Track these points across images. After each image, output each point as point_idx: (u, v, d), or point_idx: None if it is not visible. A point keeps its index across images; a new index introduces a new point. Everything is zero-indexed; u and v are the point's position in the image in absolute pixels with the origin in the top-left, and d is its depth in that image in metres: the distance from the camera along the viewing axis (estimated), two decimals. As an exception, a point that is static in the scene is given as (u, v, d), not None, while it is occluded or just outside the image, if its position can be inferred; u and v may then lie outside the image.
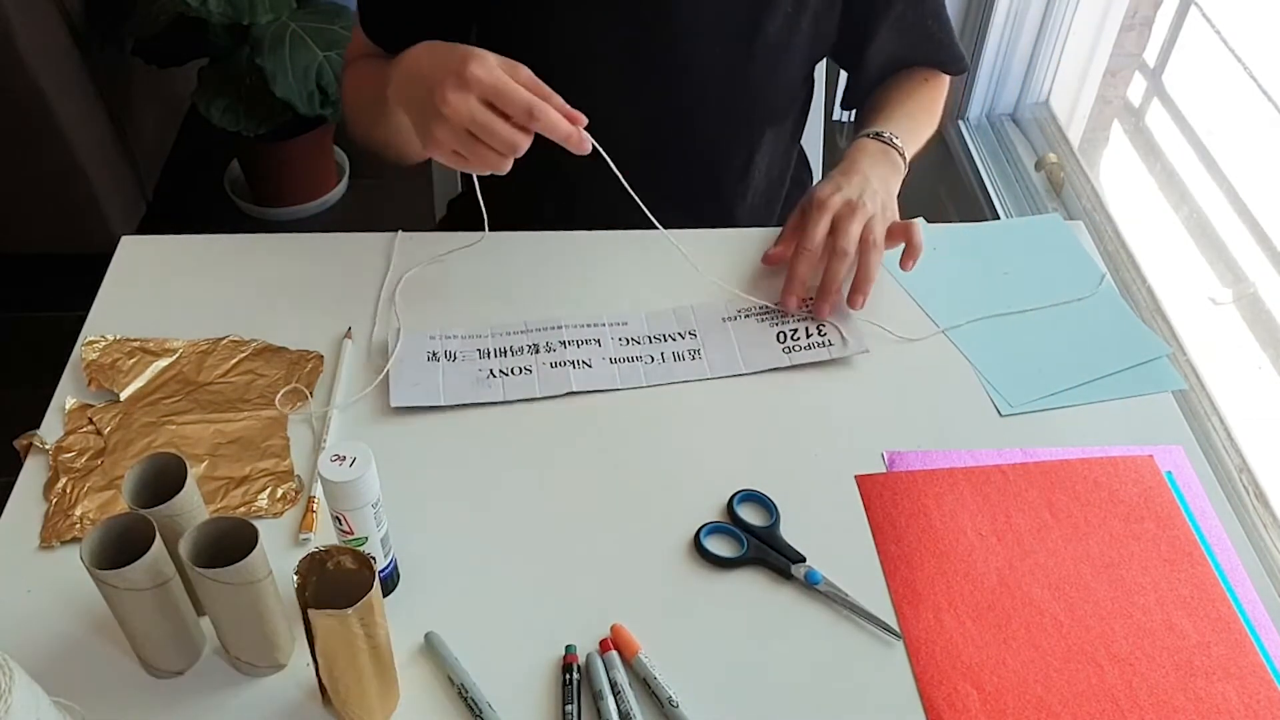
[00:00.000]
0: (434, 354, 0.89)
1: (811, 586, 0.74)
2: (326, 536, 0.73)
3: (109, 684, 0.68)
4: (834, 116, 1.64)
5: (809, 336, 0.92)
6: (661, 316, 0.94)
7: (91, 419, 0.83)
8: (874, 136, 1.01)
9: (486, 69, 0.76)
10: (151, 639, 0.66)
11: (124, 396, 0.84)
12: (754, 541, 0.76)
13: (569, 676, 0.68)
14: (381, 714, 0.66)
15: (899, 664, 0.70)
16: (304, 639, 0.61)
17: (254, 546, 0.61)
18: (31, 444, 0.81)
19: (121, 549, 0.61)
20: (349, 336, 0.90)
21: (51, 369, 0.88)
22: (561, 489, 0.80)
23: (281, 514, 0.78)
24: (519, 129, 0.77)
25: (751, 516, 0.79)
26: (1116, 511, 0.80)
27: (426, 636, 0.70)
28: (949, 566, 0.76)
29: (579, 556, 0.76)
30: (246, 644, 0.66)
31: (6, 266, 2.07)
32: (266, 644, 0.67)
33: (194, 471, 0.70)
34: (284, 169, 2.17)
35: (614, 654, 0.69)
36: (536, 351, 0.89)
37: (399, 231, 1.00)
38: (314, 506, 0.78)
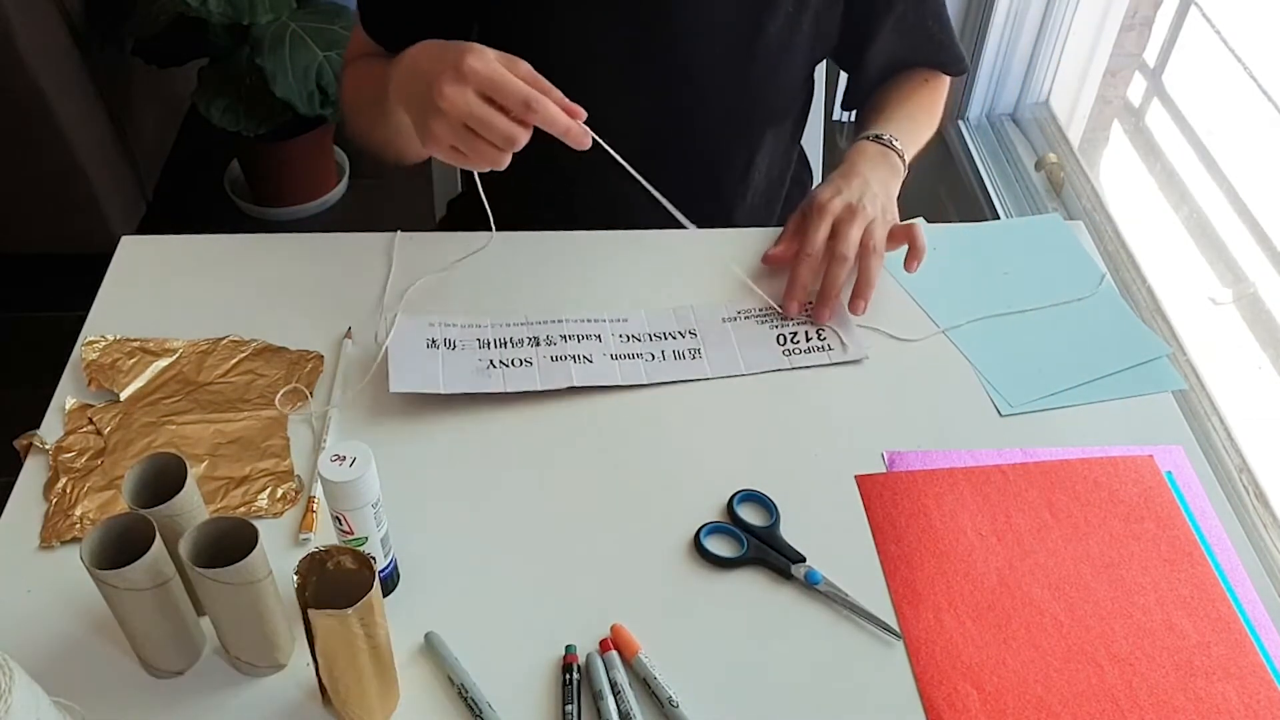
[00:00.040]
0: (433, 341, 0.89)
1: (811, 586, 0.74)
2: (326, 536, 0.73)
3: (109, 684, 0.68)
4: (834, 116, 1.64)
5: (808, 340, 0.92)
6: (662, 315, 0.94)
7: (91, 419, 0.83)
8: (874, 139, 1.01)
9: (484, 62, 0.75)
10: (151, 639, 0.66)
11: (124, 396, 0.84)
12: (754, 541, 0.76)
13: (569, 676, 0.68)
14: (381, 714, 0.66)
15: (899, 664, 0.70)
16: (304, 639, 0.61)
17: (254, 546, 0.61)
18: (31, 444, 0.81)
19: (121, 549, 0.61)
20: (349, 336, 0.90)
21: (51, 369, 0.88)
22: (561, 489, 0.80)
23: (281, 514, 0.78)
24: (517, 123, 0.76)
25: (751, 516, 0.79)
26: (1116, 511, 0.80)
27: (426, 636, 0.70)
28: (949, 566, 0.76)
29: (579, 556, 0.76)
30: (246, 644, 0.66)
31: (6, 266, 2.07)
32: (266, 644, 0.67)
33: (194, 471, 0.70)
34: (284, 169, 2.17)
35: (614, 654, 0.69)
36: (537, 344, 0.89)
37: (399, 231, 1.00)
38: (314, 506, 0.78)
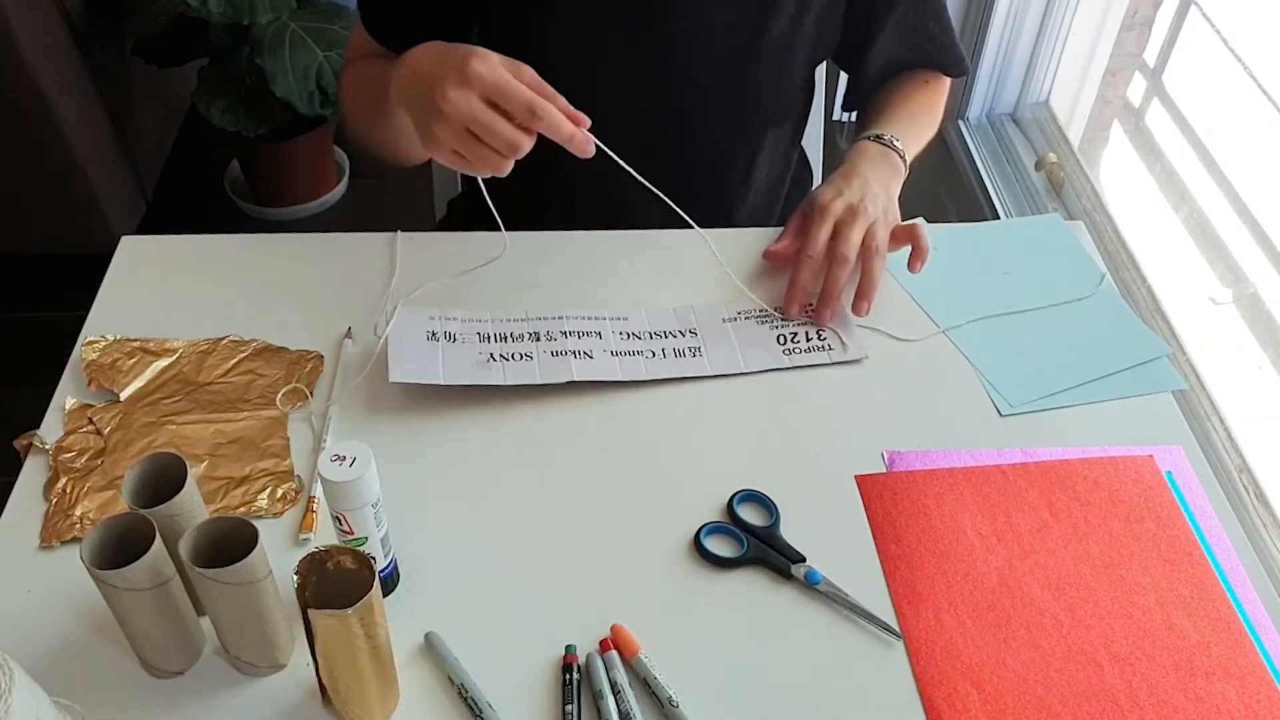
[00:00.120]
0: (433, 333, 0.89)
1: (811, 586, 0.74)
2: (326, 536, 0.73)
3: (109, 684, 0.68)
4: (834, 117, 1.64)
5: (809, 340, 0.92)
6: (662, 315, 0.94)
7: (91, 419, 0.83)
8: (874, 139, 1.00)
9: (488, 66, 0.75)
10: (151, 639, 0.66)
11: (124, 396, 0.84)
12: (754, 541, 0.76)
13: (569, 676, 0.68)
14: (381, 714, 0.66)
15: (899, 664, 0.70)
16: (304, 639, 0.61)
17: (254, 546, 0.61)
18: (31, 444, 0.81)
19: (121, 549, 0.61)
20: (349, 336, 0.90)
21: (51, 369, 0.88)
22: (561, 489, 0.80)
23: (281, 514, 0.78)
24: (520, 129, 0.75)
25: (751, 516, 0.79)
26: (1116, 511, 0.80)
27: (426, 636, 0.70)
28: (949, 566, 0.76)
29: (579, 556, 0.76)
30: (246, 644, 0.66)
31: (6, 266, 2.07)
32: (266, 644, 0.67)
33: (194, 471, 0.70)
34: (284, 169, 2.17)
35: (614, 654, 0.69)
36: (537, 340, 0.89)
37: (399, 231, 1.00)
38: (314, 506, 0.78)
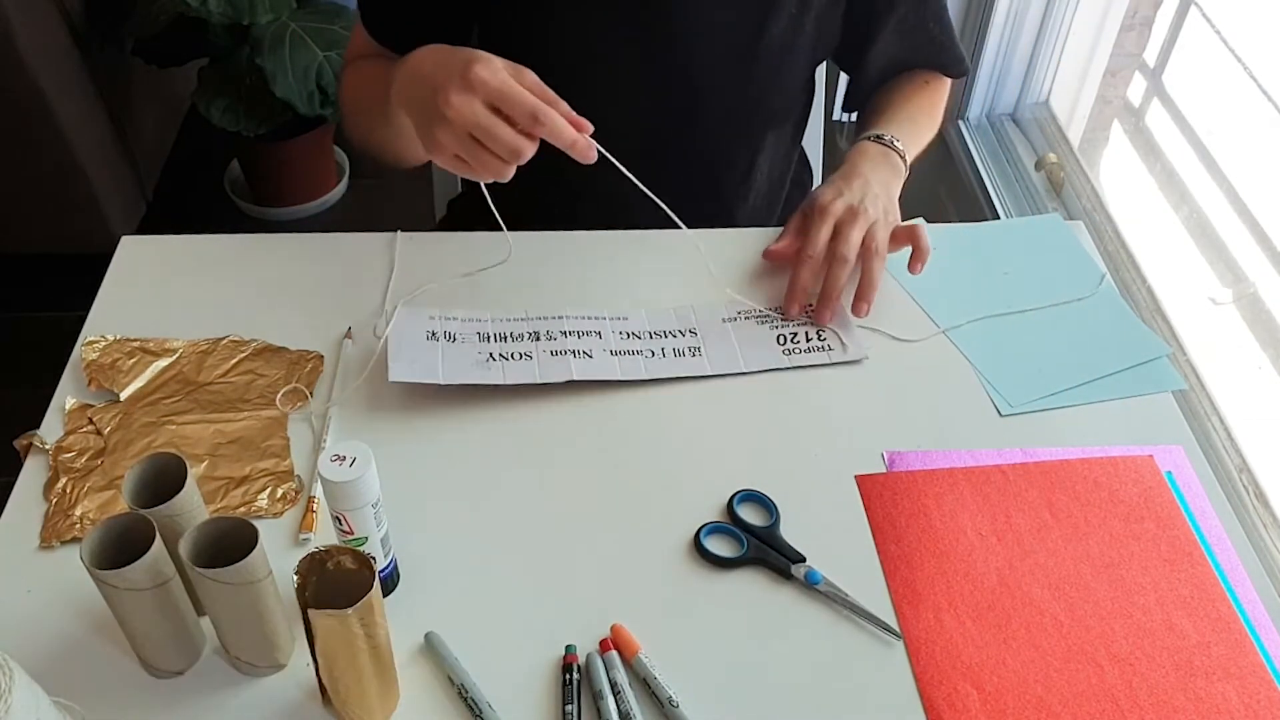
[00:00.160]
0: (433, 333, 0.89)
1: (811, 586, 0.74)
2: (326, 536, 0.73)
3: (109, 684, 0.68)
4: (834, 117, 1.64)
5: (809, 341, 0.92)
6: (662, 315, 0.94)
7: (91, 419, 0.83)
8: (875, 139, 1.00)
9: (492, 71, 0.75)
10: (151, 639, 0.66)
11: (124, 396, 0.84)
12: (754, 541, 0.76)
13: (569, 676, 0.68)
14: (381, 714, 0.66)
15: (899, 664, 0.70)
16: (304, 639, 0.61)
17: (254, 546, 0.61)
18: (31, 444, 0.81)
19: (121, 549, 0.61)
20: (349, 336, 0.90)
21: (51, 369, 0.88)
22: (561, 489, 0.80)
23: (281, 514, 0.78)
24: (523, 134, 0.75)
25: (751, 516, 0.79)
26: (1116, 511, 0.80)
27: (426, 636, 0.70)
28: (949, 566, 0.76)
29: (579, 556, 0.76)
30: (246, 644, 0.66)
31: (6, 266, 2.07)
32: (266, 644, 0.67)
33: (194, 471, 0.70)
34: (284, 169, 2.17)
35: (614, 654, 0.69)
36: (537, 339, 0.89)
37: (399, 231, 1.00)
38: (314, 506, 0.78)
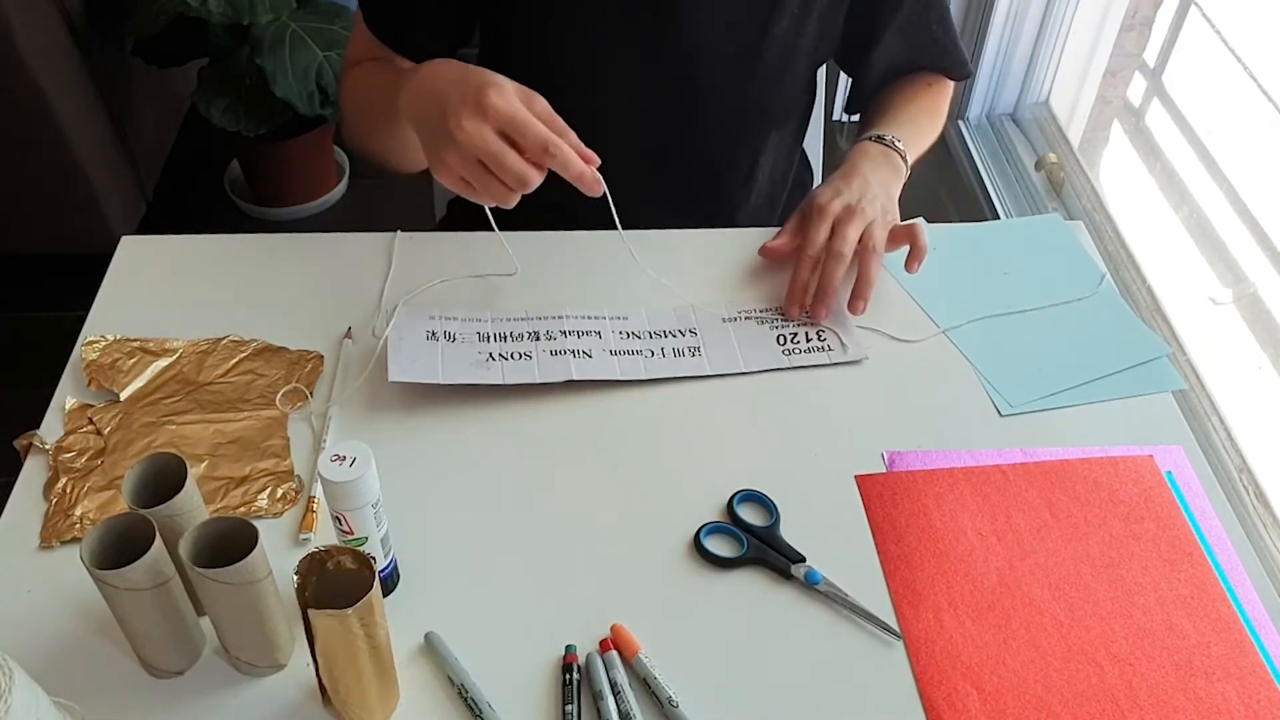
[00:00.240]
0: (433, 333, 0.89)
1: (811, 586, 0.74)
2: (326, 536, 0.73)
3: (109, 684, 0.68)
4: (834, 117, 1.64)
5: (808, 341, 0.92)
6: (662, 315, 0.94)
7: (91, 419, 0.83)
8: (876, 139, 1.00)
9: (505, 99, 0.74)
10: (151, 639, 0.66)
11: (124, 396, 0.84)
12: (754, 541, 0.76)
13: (569, 676, 0.68)
14: (381, 714, 0.66)
15: (899, 664, 0.70)
16: (304, 639, 0.61)
17: (254, 546, 0.61)
18: (31, 444, 0.81)
19: (121, 549, 0.61)
20: (349, 336, 0.90)
21: (51, 369, 0.88)
22: (561, 489, 0.80)
23: (281, 514, 0.78)
24: (531, 164, 0.75)
25: (751, 516, 0.79)
26: (1116, 511, 0.80)
27: (426, 636, 0.70)
28: (949, 566, 0.76)
29: (579, 556, 0.76)
30: (246, 644, 0.66)
31: (6, 266, 2.07)
32: (266, 644, 0.67)
33: (194, 471, 0.70)
34: (284, 169, 2.17)
35: (614, 654, 0.69)
36: (537, 339, 0.89)
37: (399, 231, 1.00)
38: (314, 506, 0.78)
